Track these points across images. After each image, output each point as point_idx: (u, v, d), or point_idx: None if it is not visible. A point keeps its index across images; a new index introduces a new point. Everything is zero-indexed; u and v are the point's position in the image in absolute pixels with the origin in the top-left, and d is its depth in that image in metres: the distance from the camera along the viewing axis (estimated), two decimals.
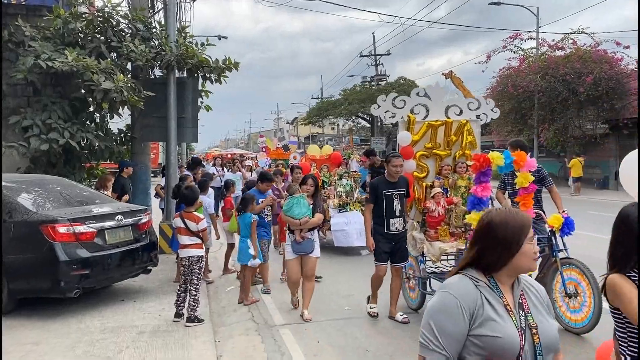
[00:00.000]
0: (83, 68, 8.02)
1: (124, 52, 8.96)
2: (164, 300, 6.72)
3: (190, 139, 11.32)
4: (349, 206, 10.14)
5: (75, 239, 5.99)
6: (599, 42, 24.40)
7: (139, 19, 9.67)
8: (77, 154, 9.09)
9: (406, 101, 6.68)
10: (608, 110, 24.03)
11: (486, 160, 5.10)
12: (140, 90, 8.77)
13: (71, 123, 8.53)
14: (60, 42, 8.81)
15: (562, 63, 23.88)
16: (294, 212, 5.90)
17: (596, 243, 10.56)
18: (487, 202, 5.32)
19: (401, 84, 42.32)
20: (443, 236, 6.20)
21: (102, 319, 5.97)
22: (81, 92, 8.83)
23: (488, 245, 1.88)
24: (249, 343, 5.32)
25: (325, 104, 48.52)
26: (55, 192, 6.87)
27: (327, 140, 51.66)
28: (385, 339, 5.34)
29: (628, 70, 23.58)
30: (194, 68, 9.45)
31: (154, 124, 9.89)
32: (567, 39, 25.46)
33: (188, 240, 5.91)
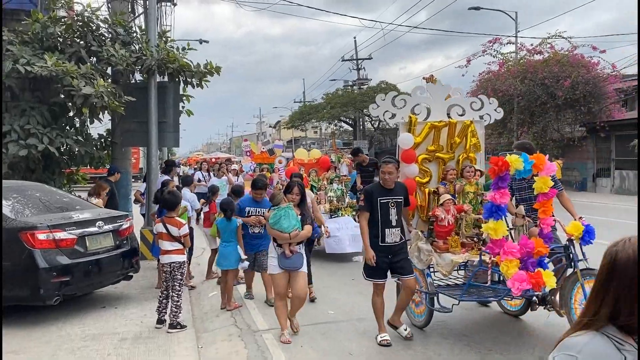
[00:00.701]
0: (62, 73, 7.94)
1: (104, 56, 8.89)
2: (145, 307, 6.67)
3: (171, 144, 11.26)
4: (340, 211, 9.95)
5: (55, 245, 5.93)
6: (576, 47, 24.87)
7: (119, 23, 9.62)
8: (56, 160, 8.99)
9: (407, 100, 6.27)
10: (585, 113, 24.47)
11: (505, 164, 4.77)
12: (121, 95, 8.71)
13: (50, 128, 8.44)
14: (39, 46, 8.73)
15: (540, 67, 24.26)
16: (282, 225, 5.30)
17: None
18: (505, 210, 4.98)
19: (383, 87, 42.51)
20: (454, 247, 5.67)
21: (83, 326, 5.91)
22: (60, 97, 8.73)
23: (621, 292, 1.37)
24: (232, 349, 5.31)
25: (307, 108, 48.60)
26: (35, 199, 6.78)
27: (310, 144, 51.66)
28: (368, 342, 5.37)
29: (604, 75, 24.06)
30: (175, 72, 9.42)
31: (135, 128, 9.84)
32: (545, 43, 25.89)
33: (169, 245, 5.87)
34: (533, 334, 5.59)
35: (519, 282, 4.61)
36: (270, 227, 5.41)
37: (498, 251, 4.85)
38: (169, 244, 5.87)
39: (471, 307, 6.42)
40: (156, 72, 9.34)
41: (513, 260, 4.74)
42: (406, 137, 6.04)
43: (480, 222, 5.64)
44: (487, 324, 5.91)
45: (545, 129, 24.88)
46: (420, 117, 6.27)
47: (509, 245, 4.85)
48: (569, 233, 5.11)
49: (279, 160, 15.19)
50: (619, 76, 24.26)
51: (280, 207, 5.42)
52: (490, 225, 4.88)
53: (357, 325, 5.91)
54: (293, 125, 50.14)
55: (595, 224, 5.29)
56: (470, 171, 6.00)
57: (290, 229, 5.31)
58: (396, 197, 5.27)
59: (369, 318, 5.96)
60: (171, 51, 9.54)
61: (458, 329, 5.70)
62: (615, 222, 13.45)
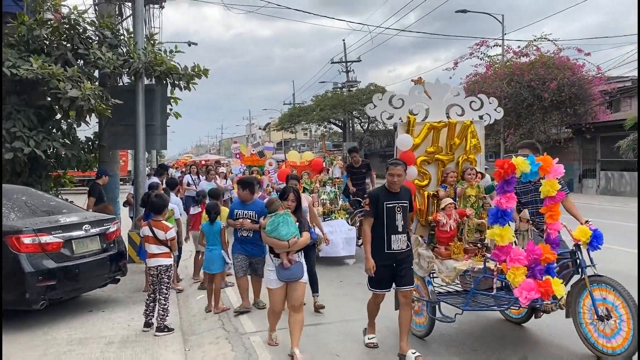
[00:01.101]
0: (49, 76, 7.90)
1: (91, 59, 8.85)
2: (133, 310, 6.66)
3: (159, 147, 11.24)
4: (333, 214, 9.88)
5: (41, 249, 5.90)
6: (562, 49, 25.16)
7: (106, 26, 9.58)
8: (43, 163, 8.93)
9: (404, 100, 6.07)
10: (571, 115, 24.77)
11: (511, 167, 4.54)
12: (108, 98, 8.68)
13: (36, 131, 8.38)
14: (25, 49, 8.67)
15: (527, 69, 24.52)
16: (280, 232, 4.99)
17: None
18: (511, 215, 4.73)
19: (372, 90, 42.71)
20: (456, 253, 5.42)
21: (69, 330, 5.89)
22: (47, 100, 8.67)
23: None
24: (219, 351, 5.33)
25: (297, 110, 48.72)
26: (20, 202, 6.74)
27: (300, 145, 51.72)
28: (354, 344, 5.41)
29: (589, 77, 24.36)
30: (163, 75, 9.39)
31: (122, 131, 9.80)
32: (532, 45, 26.16)
33: (156, 249, 5.87)
34: (532, 340, 5.66)
35: (527, 290, 4.44)
36: (267, 234, 5.06)
37: (504, 258, 4.65)
38: (155, 247, 5.87)
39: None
40: (143, 74, 9.31)
41: (520, 267, 4.55)
42: (405, 139, 5.88)
43: (482, 227, 5.55)
44: (480, 328, 5.96)
45: (531, 130, 25.13)
46: (418, 117, 6.10)
47: (516, 252, 4.63)
48: (576, 238, 4.88)
49: (269, 163, 14.96)
50: (603, 78, 24.61)
51: (278, 214, 5.10)
52: (496, 231, 4.67)
53: (344, 327, 5.95)
54: (283, 127, 50.22)
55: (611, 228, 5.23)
56: (471, 173, 5.83)
57: (288, 236, 5.00)
58: (402, 202, 5.00)
59: (356, 319, 6.01)
60: (158, 54, 9.52)
61: (446, 331, 5.75)
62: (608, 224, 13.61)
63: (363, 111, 42.80)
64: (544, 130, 25.78)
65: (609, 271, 5.04)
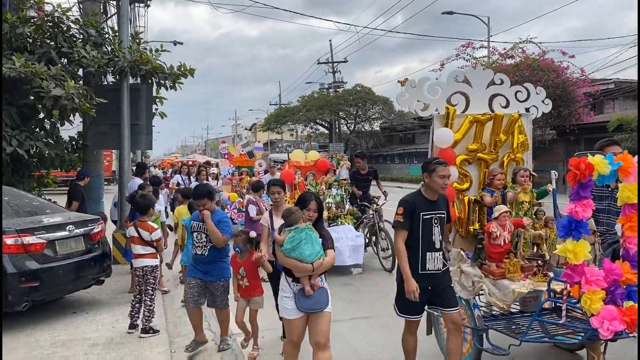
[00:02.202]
0: (32, 74, 7.78)
1: (75, 58, 8.75)
2: (117, 312, 6.58)
3: (144, 147, 11.13)
4: (339, 219, 9.12)
5: (24, 250, 5.81)
6: (546, 51, 25.42)
7: (91, 24, 9.47)
8: (25, 163, 8.80)
9: (442, 88, 5.27)
10: (555, 117, 25.02)
11: (588, 167, 3.68)
12: (92, 97, 8.57)
13: (19, 131, 8.25)
14: (8, 47, 8.53)
15: (512, 71, 24.72)
16: (303, 252, 3.95)
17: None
18: (586, 226, 3.80)
19: (358, 91, 42.87)
20: (512, 272, 4.50)
21: (52, 332, 5.80)
22: (30, 99, 8.55)
23: None
24: (205, 353, 5.28)
25: (283, 111, 48.65)
26: (3, 203, 6.63)
27: (287, 146, 51.59)
28: (342, 345, 5.40)
29: (573, 79, 24.64)
30: (148, 74, 9.31)
31: (107, 131, 9.70)
32: (517, 48, 26.40)
33: (142, 249, 5.82)
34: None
35: (609, 320, 3.55)
36: (285, 254, 3.99)
37: (578, 280, 3.72)
38: (141, 247, 5.83)
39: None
40: (129, 73, 9.23)
41: (598, 291, 3.64)
42: (445, 134, 5.04)
43: (539, 240, 4.81)
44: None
45: None
46: (457, 108, 5.25)
47: (593, 272, 3.69)
48: None
49: (258, 164, 14.65)
50: (587, 80, 24.90)
51: (299, 228, 4.04)
52: (569, 246, 3.73)
53: (331, 329, 5.91)
54: (269, 127, 50.09)
55: None
56: (524, 175, 5.00)
57: (313, 257, 3.96)
58: (440, 212, 4.20)
59: (344, 321, 6.00)
60: (144, 53, 9.43)
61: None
62: None
63: (349, 112, 42.93)
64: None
65: None
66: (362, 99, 42.03)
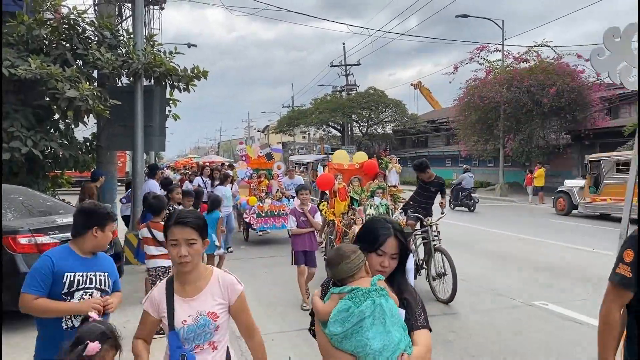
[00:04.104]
0: (47, 76, 7.88)
1: (90, 59, 8.84)
2: (128, 312, 6.60)
3: (157, 148, 11.22)
4: None
5: (37, 250, 5.85)
6: (562, 55, 25.21)
7: (106, 26, 9.57)
8: (40, 163, 8.91)
9: None
10: (570, 121, 24.80)
11: None
12: (106, 99, 8.66)
13: (34, 131, 8.36)
14: (24, 48, 8.66)
15: (526, 75, 24.56)
16: (368, 342, 2.00)
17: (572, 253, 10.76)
18: None
19: (371, 93, 42.85)
20: None
21: None
22: (45, 100, 8.66)
23: None
24: None
25: (296, 113, 48.79)
26: (17, 202, 6.70)
27: (299, 148, 51.67)
28: None
29: (589, 83, 24.40)
30: (162, 76, 9.38)
31: (121, 132, 9.78)
32: (532, 51, 26.22)
33: (155, 250, 5.86)
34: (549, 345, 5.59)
35: None
36: (334, 340, 2.09)
37: None
38: (155, 248, 5.87)
39: (455, 312, 6.44)
40: (142, 75, 9.30)
41: None
42: None
43: None
44: (469, 330, 5.93)
45: (531, 136, 25.16)
46: None
47: None
48: None
49: (277, 166, 14.02)
50: (603, 85, 24.65)
51: (359, 291, 2.10)
52: None
53: None
54: (281, 130, 50.21)
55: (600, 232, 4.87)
56: None
57: (389, 353, 2.00)
58: None
59: None
60: (158, 55, 9.50)
61: (440, 334, 5.72)
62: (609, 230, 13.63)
63: (362, 115, 42.89)
64: (543, 136, 25.80)
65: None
66: (374, 102, 41.99)
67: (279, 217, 11.68)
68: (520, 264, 9.53)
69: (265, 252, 11.16)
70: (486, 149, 27.68)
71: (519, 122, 25.33)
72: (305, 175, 17.87)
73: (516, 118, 25.20)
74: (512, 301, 7.10)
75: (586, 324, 6.08)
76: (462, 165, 24.14)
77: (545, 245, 11.59)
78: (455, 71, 28.09)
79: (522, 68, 25.83)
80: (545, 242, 11.95)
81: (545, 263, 9.66)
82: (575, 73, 24.45)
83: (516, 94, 24.36)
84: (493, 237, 12.60)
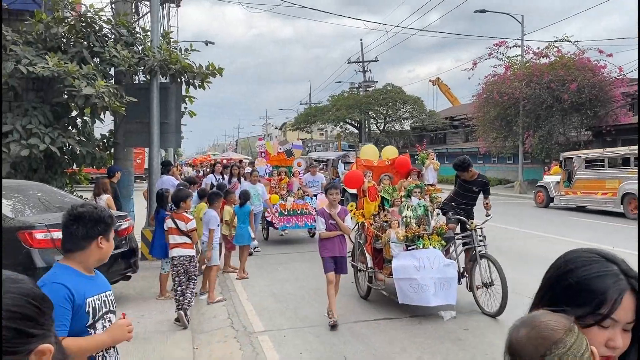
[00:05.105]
0: (64, 73, 7.98)
1: (107, 57, 8.94)
2: (143, 307, 6.68)
3: (173, 145, 11.30)
4: (421, 240, 6.46)
5: (53, 245, 5.92)
6: (584, 51, 24.78)
7: (122, 24, 9.66)
8: (58, 160, 9.03)
9: None
10: (591, 117, 24.37)
11: None
12: (123, 96, 8.74)
13: (52, 128, 8.48)
14: (42, 46, 8.78)
15: (546, 70, 24.19)
16: None
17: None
18: None
19: (388, 90, 42.64)
20: None
21: None
22: (63, 97, 8.78)
23: None
24: (227, 350, 5.31)
25: (313, 110, 48.77)
26: (35, 198, 6.80)
27: (316, 145, 51.70)
28: (362, 346, 5.35)
29: (611, 78, 23.95)
30: (177, 73, 9.44)
31: (137, 129, 9.87)
32: (552, 47, 25.82)
33: (179, 239, 6.17)
34: None
35: None
36: None
37: None
38: (179, 237, 6.18)
39: (470, 310, 6.39)
40: (158, 72, 9.36)
41: None
42: None
43: None
44: (483, 329, 5.87)
45: (550, 132, 24.79)
46: None
47: None
48: None
49: (297, 163, 13.68)
50: (625, 80, 24.17)
51: None
52: None
53: (353, 329, 5.89)
54: (299, 127, 50.29)
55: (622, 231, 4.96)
56: None
57: None
58: None
59: (365, 321, 5.95)
60: (173, 52, 9.57)
61: (452, 332, 5.67)
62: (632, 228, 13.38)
63: (379, 111, 42.70)
64: (563, 132, 25.41)
65: None
66: (392, 99, 41.76)
67: (302, 216, 11.44)
68: (538, 262, 9.37)
69: (281, 249, 11.18)
70: (505, 146, 27.35)
71: (538, 119, 24.98)
72: (325, 172, 17.58)
73: (536, 114, 24.85)
74: (527, 299, 6.99)
75: None
76: (481, 162, 23.92)
77: (562, 243, 11.42)
78: (474, 67, 27.78)
79: (541, 64, 25.44)
80: (564, 240, 11.78)
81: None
82: (596, 68, 24.00)
83: (536, 89, 24.02)
84: (509, 235, 12.45)
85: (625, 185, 15.76)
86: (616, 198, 16.06)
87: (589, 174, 17.31)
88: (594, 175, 17.09)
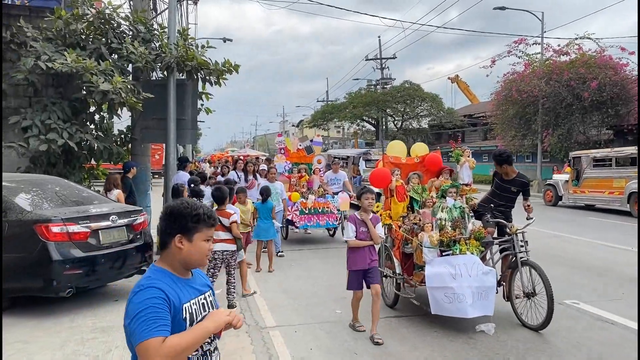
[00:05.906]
0: (82, 69, 8.09)
1: (124, 53, 9.05)
2: None
3: (189, 141, 11.39)
4: (457, 245, 5.86)
5: (69, 238, 6.03)
6: (605, 48, 24.37)
7: (140, 21, 9.76)
8: (76, 155, 9.16)
9: None
10: (612, 115, 23.97)
11: None
12: (140, 92, 8.84)
13: (70, 124, 8.60)
14: (62, 43, 8.91)
15: (566, 68, 23.87)
16: None
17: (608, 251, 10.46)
18: None
19: (406, 87, 42.42)
20: None
21: (94, 318, 6.01)
22: (81, 93, 8.91)
23: None
24: (238, 345, 5.34)
25: (330, 107, 48.72)
26: (52, 192, 6.93)
27: (333, 143, 51.66)
28: (373, 343, 5.34)
29: (632, 76, 23.55)
30: (194, 70, 9.51)
31: (154, 125, 9.97)
32: (573, 44, 25.45)
33: (224, 235, 6.50)
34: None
35: None
36: None
37: None
38: (223, 233, 6.49)
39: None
40: (175, 69, 9.44)
41: None
42: None
43: None
44: (494, 328, 5.81)
45: (570, 131, 24.45)
46: None
47: None
48: None
49: (317, 160, 13.28)
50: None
51: None
52: None
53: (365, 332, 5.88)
54: (315, 124, 50.29)
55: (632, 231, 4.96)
56: None
57: None
58: None
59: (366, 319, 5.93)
60: (190, 49, 9.63)
61: (463, 331, 5.63)
62: None
63: (397, 109, 42.49)
64: (583, 131, 25.03)
65: None
66: (410, 96, 41.53)
67: (323, 215, 11.15)
68: (553, 261, 9.27)
69: (295, 246, 11.20)
70: (524, 144, 27.04)
71: (558, 117, 24.65)
72: (345, 170, 17.13)
73: (555, 113, 24.52)
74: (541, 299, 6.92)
75: (619, 325, 5.88)
76: None
77: (577, 243, 11.26)
78: (493, 65, 27.52)
79: (562, 61, 25.09)
80: (580, 240, 11.62)
81: (580, 261, 9.38)
82: (618, 66, 23.61)
83: (555, 87, 23.70)
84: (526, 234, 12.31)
85: (631, 184, 16.07)
86: (622, 197, 16.39)
87: (596, 173, 17.70)
88: (602, 175, 17.43)
